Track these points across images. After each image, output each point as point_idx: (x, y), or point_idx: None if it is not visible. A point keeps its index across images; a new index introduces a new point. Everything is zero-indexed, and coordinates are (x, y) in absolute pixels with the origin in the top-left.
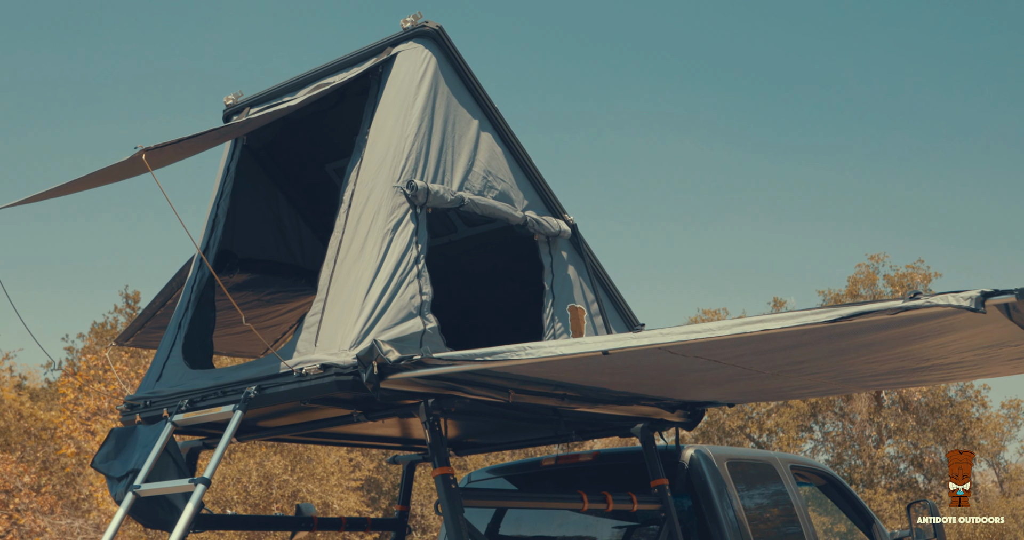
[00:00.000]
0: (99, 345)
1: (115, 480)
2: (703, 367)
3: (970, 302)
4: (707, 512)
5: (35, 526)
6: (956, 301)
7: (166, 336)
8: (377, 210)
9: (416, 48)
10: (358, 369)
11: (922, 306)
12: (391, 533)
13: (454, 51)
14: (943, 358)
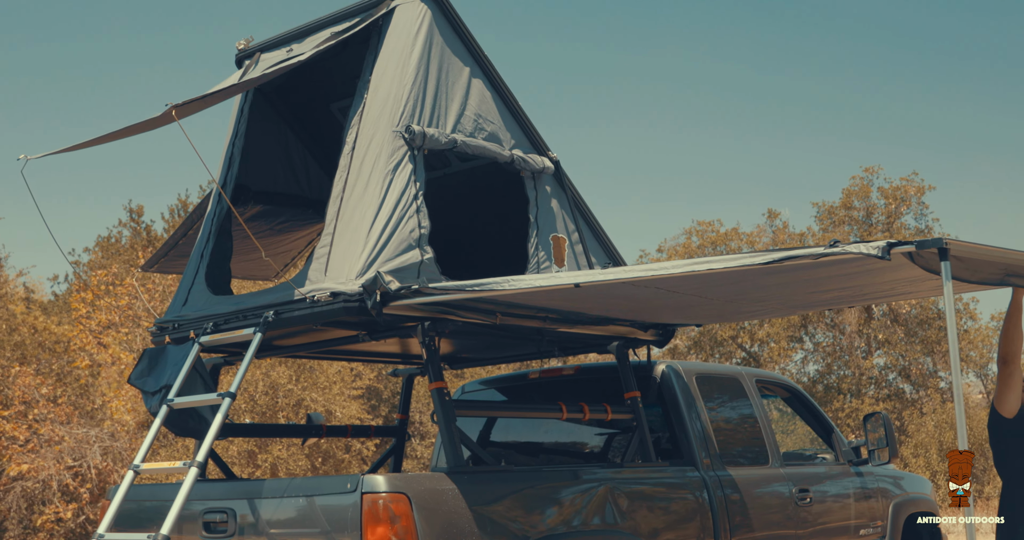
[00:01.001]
0: (105, 259)
1: (149, 394)
2: (665, 296)
3: (878, 251)
4: (675, 421)
5: (54, 435)
6: (866, 250)
7: (190, 265)
8: (379, 152)
9: (413, 2)
10: (364, 297)
11: (838, 253)
12: (392, 439)
13: (447, 3)
14: (873, 287)
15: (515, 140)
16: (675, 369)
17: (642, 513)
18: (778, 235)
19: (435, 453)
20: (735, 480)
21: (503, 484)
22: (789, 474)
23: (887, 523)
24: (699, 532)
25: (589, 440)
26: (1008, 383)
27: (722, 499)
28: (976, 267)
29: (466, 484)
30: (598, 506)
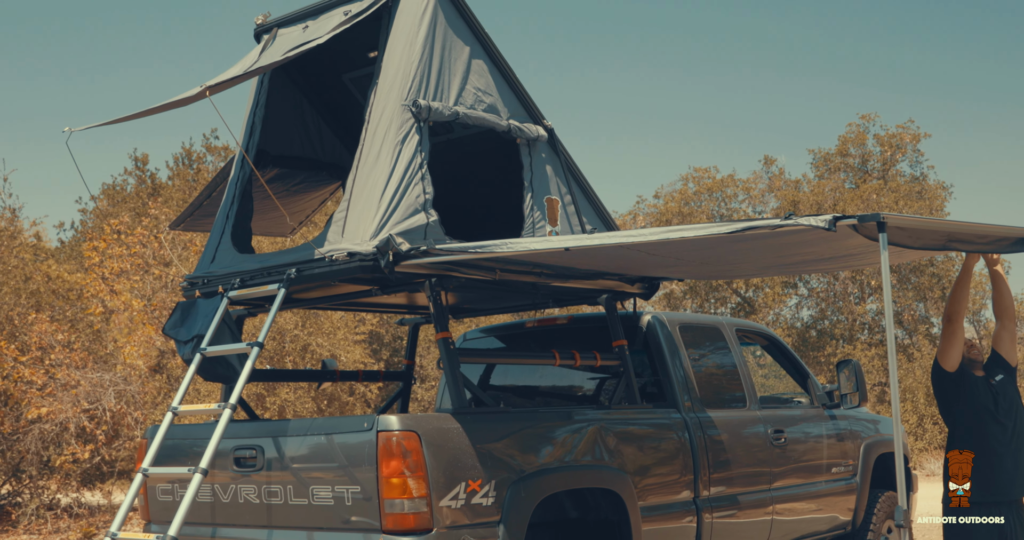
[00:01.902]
0: (111, 207)
1: (182, 344)
2: (646, 257)
3: (825, 223)
4: (659, 367)
5: (70, 380)
6: (816, 222)
7: (216, 225)
8: (389, 125)
9: None
10: (377, 256)
11: (791, 224)
12: (399, 383)
13: None
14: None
15: (512, 111)
16: (659, 319)
17: (628, 451)
18: (774, 181)
19: (439, 395)
20: (714, 421)
21: (502, 424)
22: (765, 416)
23: (858, 462)
24: (681, 469)
25: (580, 384)
26: (951, 340)
27: (702, 439)
28: (918, 235)
29: (469, 423)
30: (588, 444)
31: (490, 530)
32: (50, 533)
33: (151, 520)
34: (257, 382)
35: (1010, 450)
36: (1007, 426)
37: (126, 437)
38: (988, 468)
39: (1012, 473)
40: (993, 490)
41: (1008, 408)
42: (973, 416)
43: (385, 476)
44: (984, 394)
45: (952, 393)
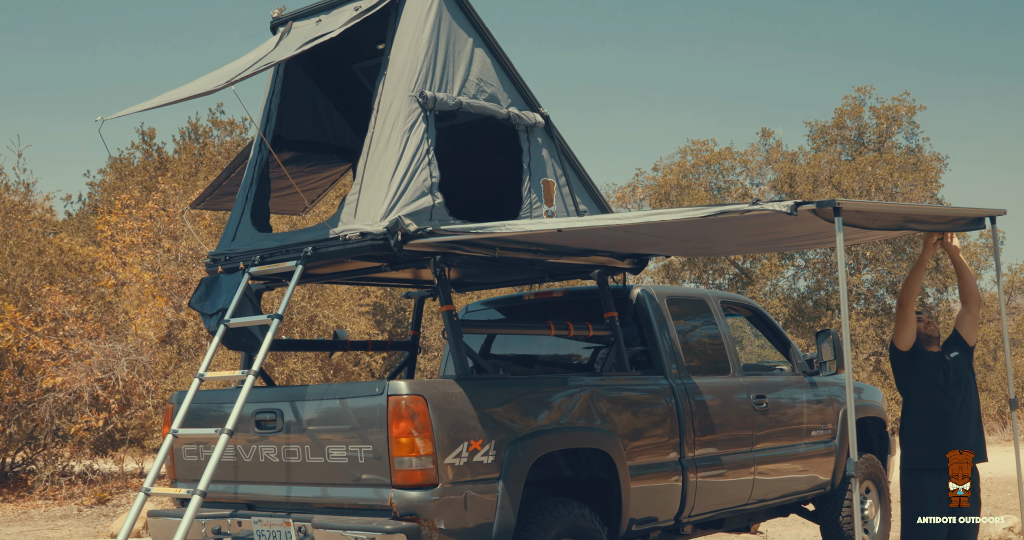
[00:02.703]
0: (119, 181)
1: (208, 316)
2: (632, 236)
3: (788, 209)
4: (648, 337)
5: (84, 350)
6: (780, 207)
7: (236, 205)
8: (398, 114)
9: None
10: (387, 236)
11: (757, 209)
12: (406, 352)
13: None
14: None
15: (511, 99)
16: (648, 292)
17: (618, 414)
18: (771, 154)
19: (443, 363)
20: (699, 387)
21: (501, 389)
22: (748, 383)
23: (837, 426)
24: (667, 431)
25: (574, 353)
26: (904, 323)
27: (687, 404)
28: (874, 217)
29: (471, 389)
30: (581, 408)
31: (490, 486)
32: (65, 499)
33: (177, 479)
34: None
35: (958, 421)
36: (956, 399)
37: (137, 406)
38: (938, 436)
39: (960, 442)
40: (943, 456)
41: (958, 383)
42: (925, 389)
43: (395, 436)
44: (936, 369)
45: (907, 368)
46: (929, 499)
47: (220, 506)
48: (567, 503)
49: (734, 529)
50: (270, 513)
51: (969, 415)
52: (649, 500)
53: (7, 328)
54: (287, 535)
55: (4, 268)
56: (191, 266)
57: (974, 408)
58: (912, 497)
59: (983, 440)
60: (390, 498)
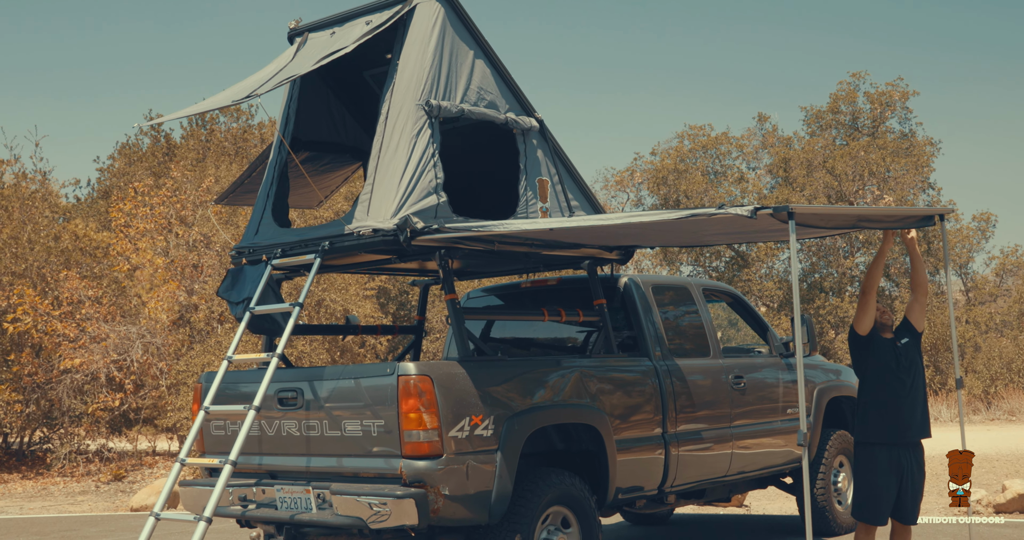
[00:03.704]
0: (128, 166)
1: (234, 304)
2: (618, 232)
3: (748, 212)
4: (634, 322)
5: (99, 332)
6: (741, 211)
7: (258, 202)
8: (406, 121)
9: (430, 1)
10: (397, 233)
11: (723, 213)
12: (412, 336)
13: (456, 1)
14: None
15: (509, 105)
16: (635, 281)
17: (606, 393)
18: (767, 138)
19: (446, 346)
20: (681, 368)
21: (499, 370)
22: (727, 364)
23: (812, 404)
24: (651, 408)
25: (566, 336)
26: (865, 309)
27: (670, 383)
28: (827, 219)
29: (472, 369)
30: (572, 387)
31: (489, 457)
32: (82, 476)
33: (205, 451)
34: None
35: (907, 402)
36: (906, 382)
37: (151, 386)
38: (890, 415)
39: (909, 420)
40: (895, 433)
41: (908, 366)
42: (878, 372)
43: (404, 412)
44: (889, 354)
45: (864, 352)
46: (879, 468)
47: (245, 476)
48: (559, 473)
49: (715, 499)
50: (291, 482)
51: (917, 396)
52: (634, 471)
53: (26, 311)
54: (307, 501)
55: (23, 254)
56: (201, 252)
57: (921, 389)
58: (865, 467)
59: (928, 418)
60: (400, 467)
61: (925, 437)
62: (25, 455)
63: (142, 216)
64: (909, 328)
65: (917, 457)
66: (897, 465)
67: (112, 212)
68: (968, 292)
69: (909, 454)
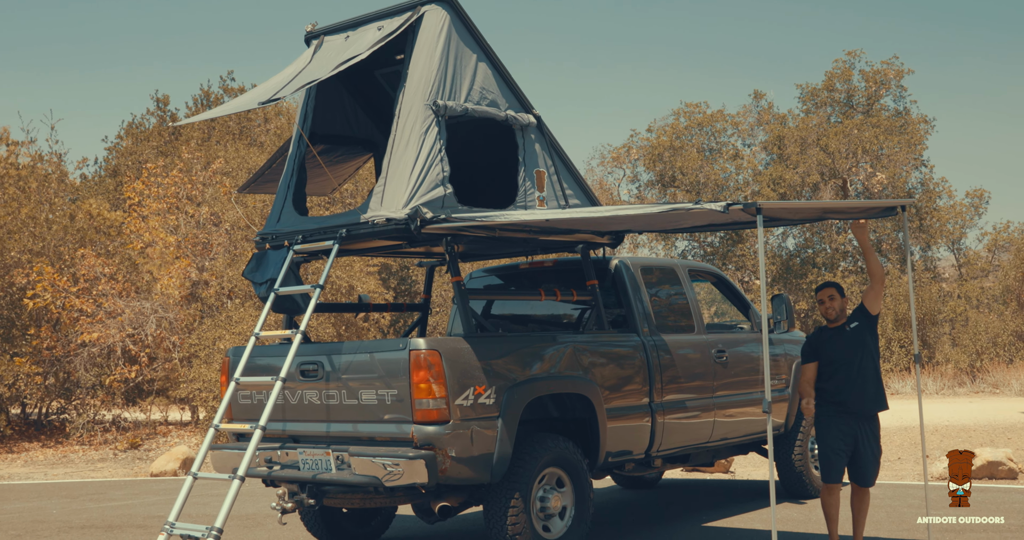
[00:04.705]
0: (135, 145)
1: (259, 285)
2: (607, 221)
3: (721, 208)
4: (623, 301)
5: (115, 308)
6: (715, 207)
7: (279, 191)
8: (416, 120)
9: (436, 9)
10: (408, 222)
11: (699, 208)
12: (418, 313)
13: (461, 9)
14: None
15: (509, 103)
16: (625, 263)
17: (597, 366)
18: (763, 116)
19: (450, 322)
20: (667, 343)
21: (500, 345)
22: (710, 339)
23: (790, 377)
24: (639, 380)
25: (561, 314)
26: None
27: (656, 356)
28: (795, 212)
29: (476, 344)
30: (567, 360)
31: (491, 423)
32: (100, 444)
33: (232, 419)
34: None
35: (858, 379)
36: (853, 361)
37: (164, 359)
38: (841, 390)
39: (860, 395)
40: (846, 405)
41: (857, 347)
42: (828, 356)
43: (415, 382)
44: (838, 339)
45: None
46: (832, 434)
47: (270, 440)
48: (554, 438)
49: (700, 464)
50: (312, 445)
51: (867, 374)
52: (623, 437)
53: (45, 288)
54: (327, 463)
55: (40, 233)
56: (210, 230)
57: (870, 367)
58: (821, 432)
59: (881, 393)
60: (411, 432)
61: (880, 410)
62: (44, 425)
63: (154, 196)
64: (863, 312)
65: (872, 427)
66: (851, 433)
67: (126, 191)
68: (961, 267)
69: (864, 424)
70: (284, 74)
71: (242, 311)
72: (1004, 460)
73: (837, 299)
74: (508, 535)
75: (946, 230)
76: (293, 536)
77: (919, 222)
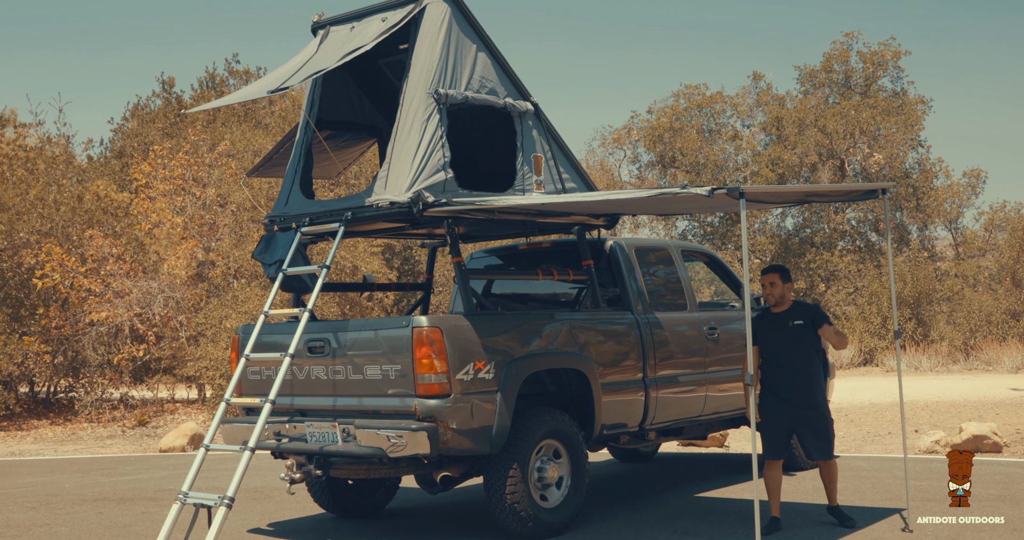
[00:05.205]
0: (141, 127)
1: (267, 266)
2: (600, 205)
3: (706, 192)
4: (618, 280)
5: (123, 288)
6: (701, 191)
7: (287, 176)
8: (418, 108)
9: (438, 1)
10: (411, 205)
11: (685, 192)
12: (420, 292)
13: (461, 1)
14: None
15: (507, 91)
16: (619, 243)
17: (592, 342)
18: (762, 97)
19: (452, 301)
20: (660, 321)
21: (499, 322)
22: (702, 317)
23: None
24: (633, 356)
25: (558, 293)
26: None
27: (650, 333)
28: (777, 195)
29: (476, 322)
30: (563, 337)
31: (491, 397)
32: (108, 421)
33: (242, 394)
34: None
35: (788, 373)
36: (787, 355)
37: (171, 338)
38: (774, 380)
39: (788, 389)
40: (778, 394)
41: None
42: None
43: (418, 358)
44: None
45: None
46: (769, 415)
47: (279, 414)
48: (551, 411)
49: (693, 437)
50: (319, 419)
51: (798, 370)
52: (617, 410)
53: (54, 268)
54: (334, 435)
55: (49, 214)
56: (216, 212)
57: (800, 366)
58: (760, 410)
59: (815, 390)
60: (414, 405)
61: (810, 405)
62: (52, 403)
63: (161, 177)
64: (814, 318)
65: (804, 415)
66: (787, 416)
67: (133, 173)
68: (958, 247)
69: (798, 411)
70: (292, 63)
71: (248, 291)
72: (989, 434)
73: (779, 285)
74: (507, 504)
75: (943, 210)
76: (300, 507)
77: (916, 202)
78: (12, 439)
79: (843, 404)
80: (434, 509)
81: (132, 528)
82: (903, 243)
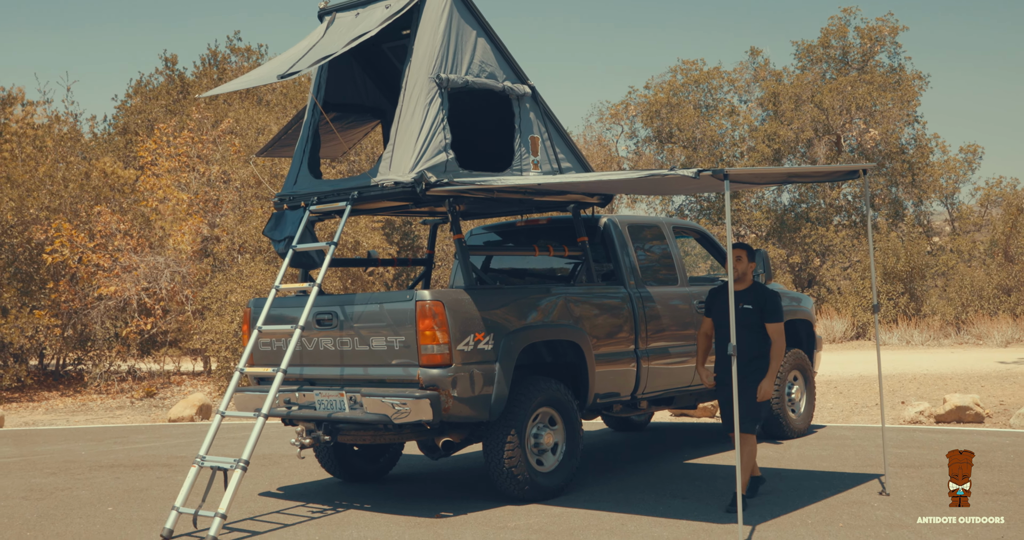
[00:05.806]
0: (144, 104)
1: (277, 242)
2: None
3: (692, 174)
4: (612, 256)
5: (130, 263)
6: (687, 173)
7: (295, 156)
8: (420, 92)
9: None
10: (414, 185)
11: (673, 174)
12: (422, 267)
13: None
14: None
15: (506, 75)
16: (613, 220)
17: (586, 315)
18: (759, 72)
19: (452, 276)
20: (652, 294)
21: (498, 296)
22: (692, 291)
23: None
24: (626, 328)
25: (554, 268)
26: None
27: (641, 307)
28: (761, 177)
29: (476, 296)
30: (559, 311)
31: (490, 366)
32: (116, 393)
33: (254, 364)
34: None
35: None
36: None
37: (177, 312)
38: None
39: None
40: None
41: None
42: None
43: (421, 329)
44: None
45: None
46: (720, 387)
47: (289, 383)
48: (547, 381)
49: (684, 406)
50: (327, 387)
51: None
52: (611, 380)
53: (63, 244)
54: (341, 403)
55: (57, 190)
56: (220, 189)
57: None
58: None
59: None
60: (418, 374)
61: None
62: (61, 375)
63: (167, 155)
64: (763, 308)
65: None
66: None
67: (138, 150)
68: (953, 222)
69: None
70: (299, 48)
71: (252, 265)
72: (971, 405)
73: (743, 261)
74: (505, 468)
75: (938, 185)
76: (308, 472)
77: (912, 177)
78: (24, 410)
79: (833, 376)
80: (435, 474)
81: (149, 491)
82: (898, 218)
